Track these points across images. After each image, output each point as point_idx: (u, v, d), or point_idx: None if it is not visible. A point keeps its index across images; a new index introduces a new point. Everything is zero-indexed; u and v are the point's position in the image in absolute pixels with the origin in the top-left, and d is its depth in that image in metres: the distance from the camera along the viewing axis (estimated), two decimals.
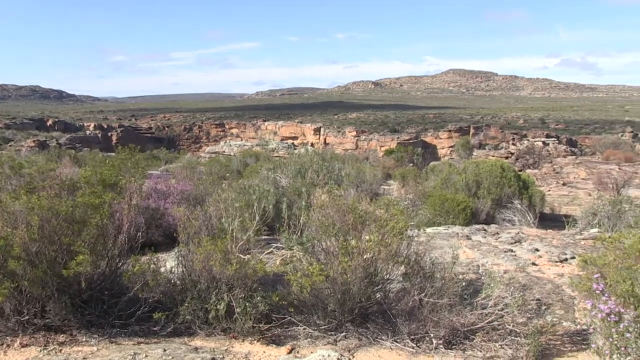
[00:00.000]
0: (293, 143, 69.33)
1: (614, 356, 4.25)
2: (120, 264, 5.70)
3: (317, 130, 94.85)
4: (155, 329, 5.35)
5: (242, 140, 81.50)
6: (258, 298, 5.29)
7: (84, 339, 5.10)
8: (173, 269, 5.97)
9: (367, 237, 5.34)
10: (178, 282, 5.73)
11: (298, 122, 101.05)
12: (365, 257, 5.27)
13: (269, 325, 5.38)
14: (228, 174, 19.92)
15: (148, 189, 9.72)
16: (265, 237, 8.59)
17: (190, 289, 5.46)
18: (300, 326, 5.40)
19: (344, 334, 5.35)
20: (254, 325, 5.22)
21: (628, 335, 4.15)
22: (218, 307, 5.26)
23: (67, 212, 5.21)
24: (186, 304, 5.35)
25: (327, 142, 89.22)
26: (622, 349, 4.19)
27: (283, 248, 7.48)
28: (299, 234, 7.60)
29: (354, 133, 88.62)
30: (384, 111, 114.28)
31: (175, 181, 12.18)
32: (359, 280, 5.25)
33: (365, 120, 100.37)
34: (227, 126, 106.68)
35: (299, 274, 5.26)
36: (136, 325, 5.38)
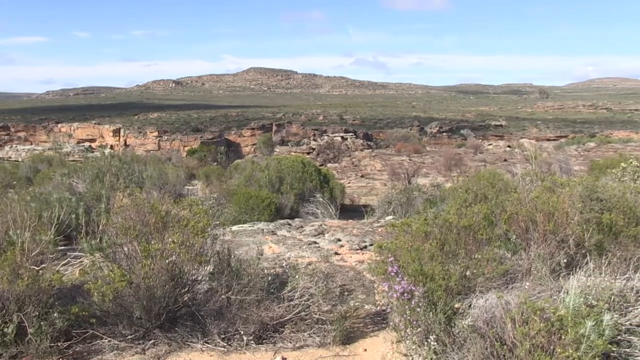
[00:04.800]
0: (90, 146, 65.43)
1: (408, 330, 4.61)
2: None
3: (116, 132, 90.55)
4: None
5: (31, 144, 75.11)
6: (55, 314, 4.88)
7: None
8: None
9: (170, 239, 5.21)
10: None
11: (95, 123, 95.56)
12: (169, 260, 5.13)
13: (69, 343, 4.99)
14: (15, 182, 18.24)
15: None
16: (63, 247, 8.00)
17: None
18: (105, 339, 5.08)
19: (152, 341, 5.15)
20: (52, 344, 4.78)
21: (418, 309, 4.52)
22: (5, 330, 4.72)
23: None
24: None
25: (127, 143, 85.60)
26: (414, 322, 4.56)
27: (82, 256, 7.01)
28: (98, 240, 7.18)
29: (156, 133, 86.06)
30: (186, 110, 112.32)
31: None
32: (163, 284, 5.10)
33: (167, 120, 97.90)
34: (12, 129, 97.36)
35: (99, 282, 4.96)
36: None
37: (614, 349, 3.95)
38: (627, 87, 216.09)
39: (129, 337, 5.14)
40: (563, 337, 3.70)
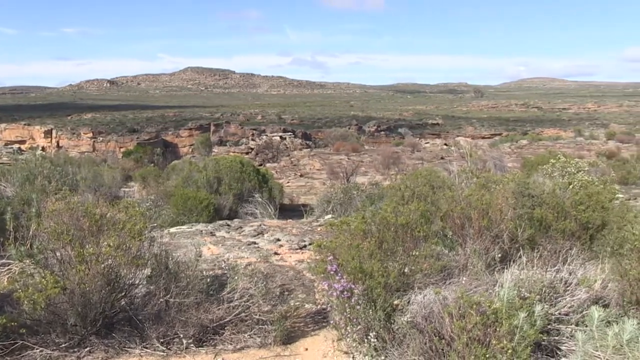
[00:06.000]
0: (20, 147, 63.12)
1: (348, 328, 4.65)
2: None
3: (48, 133, 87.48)
4: None
5: None
6: None
7: None
8: None
9: (105, 243, 5.07)
10: None
11: (25, 124, 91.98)
12: (105, 264, 4.99)
13: None
14: None
15: None
16: None
17: None
18: (37, 349, 4.87)
19: (88, 348, 4.99)
20: None
21: (358, 307, 4.56)
22: None
23: None
24: None
25: (60, 145, 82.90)
26: (354, 320, 4.60)
27: (10, 264, 6.74)
28: (28, 245, 6.92)
29: (90, 134, 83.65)
30: (121, 111, 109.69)
31: None
32: (99, 289, 4.96)
33: (102, 120, 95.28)
34: None
35: (30, 290, 4.77)
36: None
37: (545, 337, 4.10)
38: (555, 86, 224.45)
39: (63, 345, 4.96)
40: (498, 329, 3.81)
